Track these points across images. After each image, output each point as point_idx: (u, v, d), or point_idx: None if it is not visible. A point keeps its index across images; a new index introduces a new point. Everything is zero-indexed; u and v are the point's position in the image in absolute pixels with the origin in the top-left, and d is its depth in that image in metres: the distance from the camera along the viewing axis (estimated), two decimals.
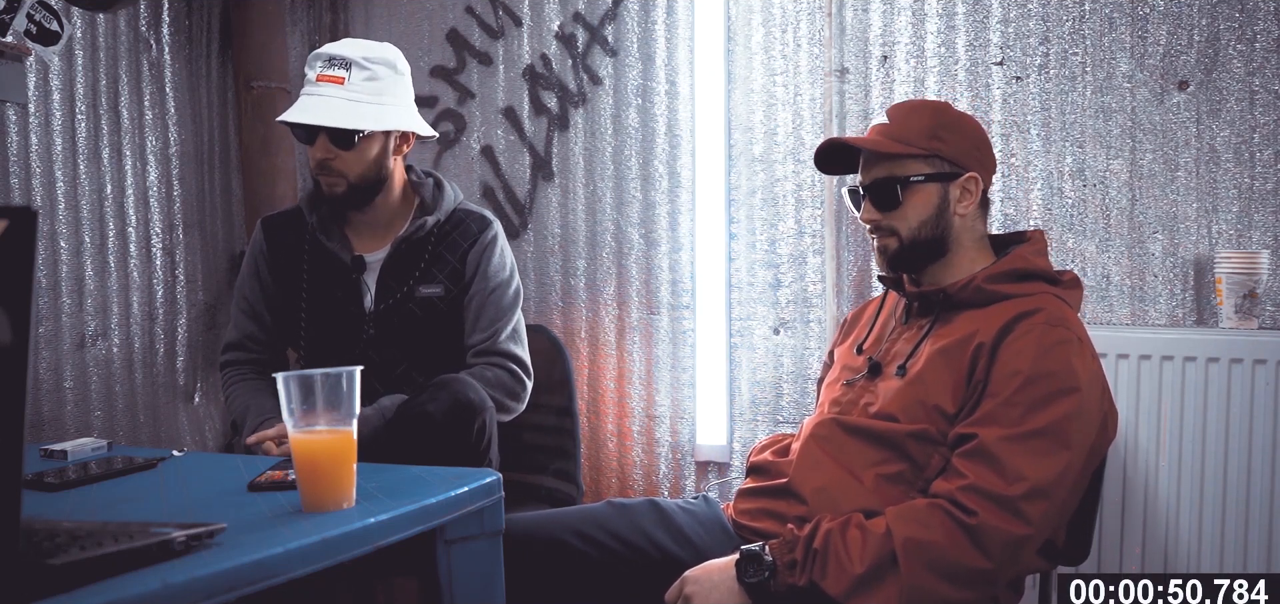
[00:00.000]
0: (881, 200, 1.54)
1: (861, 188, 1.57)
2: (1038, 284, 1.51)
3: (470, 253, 2.05)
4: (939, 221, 1.54)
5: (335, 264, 2.05)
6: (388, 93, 1.96)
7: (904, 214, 1.53)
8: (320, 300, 2.06)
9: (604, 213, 2.73)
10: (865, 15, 2.46)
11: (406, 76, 2.02)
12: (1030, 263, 1.53)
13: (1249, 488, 2.02)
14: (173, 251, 2.77)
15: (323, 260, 2.06)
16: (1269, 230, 2.17)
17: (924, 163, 1.53)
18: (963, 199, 1.55)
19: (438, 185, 2.10)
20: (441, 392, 1.85)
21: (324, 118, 1.88)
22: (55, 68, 2.45)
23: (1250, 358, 2.02)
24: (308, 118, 1.88)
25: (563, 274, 2.78)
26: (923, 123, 1.55)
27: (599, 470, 2.75)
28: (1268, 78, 2.15)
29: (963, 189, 1.55)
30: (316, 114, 1.88)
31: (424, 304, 2.04)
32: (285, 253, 2.09)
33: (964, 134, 1.57)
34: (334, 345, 2.05)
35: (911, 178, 1.53)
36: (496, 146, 2.84)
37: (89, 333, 2.55)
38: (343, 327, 2.04)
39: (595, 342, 2.75)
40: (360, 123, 1.91)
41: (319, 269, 2.06)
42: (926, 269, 1.58)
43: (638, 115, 2.69)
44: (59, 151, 2.46)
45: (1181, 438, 2.07)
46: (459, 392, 1.85)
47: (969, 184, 1.55)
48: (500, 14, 2.82)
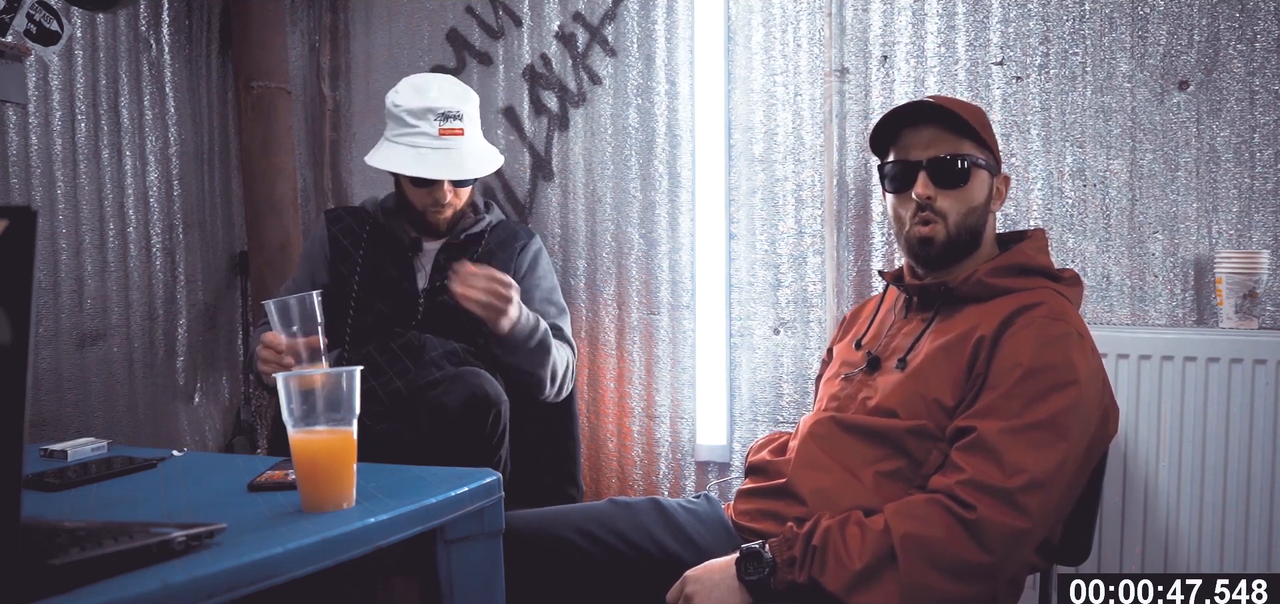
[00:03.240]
0: (942, 177, 1.52)
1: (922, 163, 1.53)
2: (1039, 280, 1.52)
3: (521, 255, 2.28)
4: (984, 213, 1.57)
5: (394, 243, 2.25)
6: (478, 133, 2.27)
7: (967, 193, 1.53)
8: (375, 276, 2.22)
9: (604, 213, 2.73)
10: (865, 15, 2.46)
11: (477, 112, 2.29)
12: (1032, 259, 1.53)
13: (1249, 488, 2.02)
14: (173, 251, 2.77)
15: (381, 240, 2.26)
16: (1269, 230, 2.17)
17: (983, 150, 1.55)
18: (996, 197, 1.59)
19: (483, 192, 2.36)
20: (457, 384, 1.90)
21: (473, 170, 2.19)
22: (55, 68, 2.45)
23: (1250, 358, 2.02)
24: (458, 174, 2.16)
25: (563, 274, 2.78)
26: (976, 115, 1.57)
27: (599, 470, 2.75)
28: (1268, 78, 2.15)
29: (997, 188, 1.59)
30: (465, 168, 2.18)
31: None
32: (346, 236, 2.28)
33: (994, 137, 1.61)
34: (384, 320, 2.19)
35: (979, 161, 1.54)
36: (497, 146, 2.84)
37: (89, 333, 2.55)
38: (395, 302, 2.19)
39: (595, 342, 2.75)
40: (483, 169, 2.23)
41: (377, 248, 2.25)
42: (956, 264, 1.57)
43: (638, 115, 2.69)
44: (59, 151, 2.46)
45: (1181, 438, 2.07)
46: (475, 384, 1.90)
47: (1001, 186, 1.60)
48: (500, 14, 2.82)
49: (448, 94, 2.20)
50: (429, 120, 2.15)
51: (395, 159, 2.15)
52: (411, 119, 2.16)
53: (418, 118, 2.15)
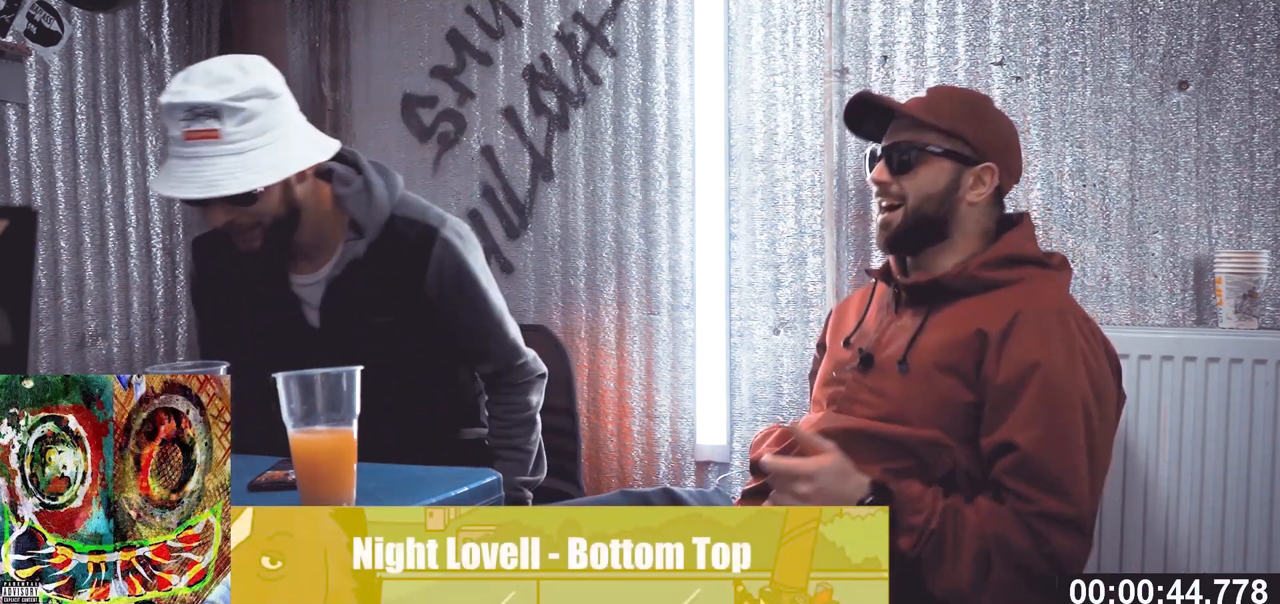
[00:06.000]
0: (895, 163, 1.55)
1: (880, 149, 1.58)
2: (1031, 269, 1.52)
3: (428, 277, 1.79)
4: (945, 201, 1.55)
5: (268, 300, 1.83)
6: (271, 126, 1.65)
7: (914, 180, 1.54)
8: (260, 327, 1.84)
9: (604, 213, 2.73)
10: (865, 15, 2.46)
11: (284, 94, 1.70)
12: (1021, 248, 1.54)
13: (1249, 488, 2.02)
14: (173, 251, 2.77)
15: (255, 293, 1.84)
16: (1269, 230, 2.17)
17: (944, 138, 1.54)
18: (975, 187, 1.55)
19: (367, 188, 1.80)
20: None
21: (210, 189, 1.59)
22: (55, 68, 2.45)
23: (1250, 358, 2.02)
24: (187, 193, 1.61)
25: (563, 274, 2.78)
26: (955, 105, 1.57)
27: (599, 470, 2.75)
28: (1268, 78, 2.15)
29: (977, 177, 1.55)
30: (199, 185, 1.59)
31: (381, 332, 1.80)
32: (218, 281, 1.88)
33: (994, 128, 1.58)
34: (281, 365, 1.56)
35: (929, 147, 1.54)
36: (496, 146, 2.84)
37: (89, 333, 2.55)
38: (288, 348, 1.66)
39: (595, 342, 2.75)
40: (252, 181, 1.61)
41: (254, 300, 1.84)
42: (923, 252, 1.58)
43: (638, 115, 2.69)
44: (59, 151, 2.46)
45: (1181, 438, 2.07)
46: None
47: (984, 174, 1.55)
48: (500, 14, 2.82)
49: (204, 82, 1.60)
50: (175, 120, 1.59)
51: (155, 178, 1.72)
52: (165, 119, 1.63)
53: (168, 118, 1.61)
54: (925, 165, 1.54)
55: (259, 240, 1.71)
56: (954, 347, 1.46)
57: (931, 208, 1.54)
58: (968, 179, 1.55)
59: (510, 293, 2.54)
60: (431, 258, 1.78)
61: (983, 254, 1.53)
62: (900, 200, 1.55)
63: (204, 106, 1.57)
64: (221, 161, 1.60)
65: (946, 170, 1.54)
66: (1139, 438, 2.10)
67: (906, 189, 1.55)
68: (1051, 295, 1.47)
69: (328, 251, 1.81)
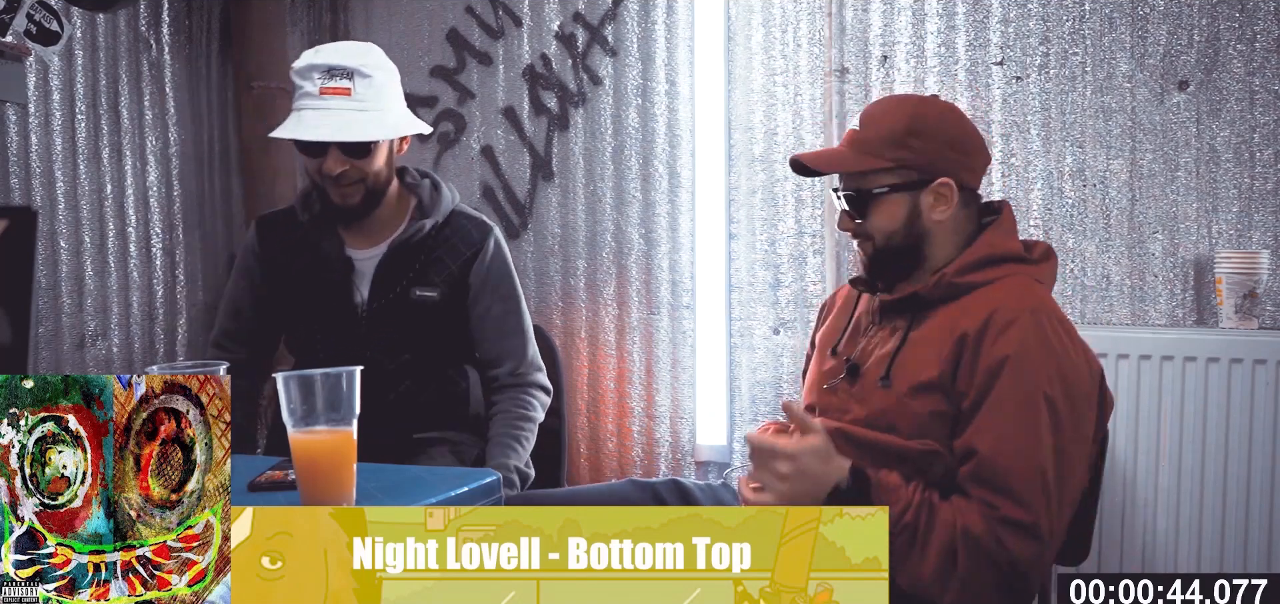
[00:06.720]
0: (854, 207, 1.54)
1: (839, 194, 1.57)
2: (1008, 266, 1.49)
3: (475, 265, 2.02)
4: (910, 231, 1.51)
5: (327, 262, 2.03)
6: (387, 96, 1.94)
7: (874, 220, 1.52)
8: (311, 296, 2.03)
9: (604, 213, 2.73)
10: (865, 15, 2.46)
11: (397, 75, 2.00)
12: (997, 247, 1.49)
13: (1249, 488, 2.02)
14: (173, 251, 2.77)
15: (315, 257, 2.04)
16: (1269, 230, 2.17)
17: (890, 174, 1.50)
18: (937, 206, 1.50)
19: (435, 187, 2.07)
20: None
21: (343, 133, 1.86)
22: (55, 68, 2.45)
23: (1250, 358, 2.02)
24: (325, 135, 1.86)
25: (563, 274, 2.78)
26: (891, 129, 1.50)
27: (599, 471, 2.76)
28: (1268, 78, 2.15)
29: (935, 195, 1.49)
30: (335, 129, 1.86)
31: (419, 306, 2.01)
32: (279, 251, 2.08)
33: (936, 137, 1.51)
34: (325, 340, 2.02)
35: (875, 190, 1.50)
36: (496, 146, 2.84)
37: (89, 333, 2.55)
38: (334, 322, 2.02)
39: (595, 342, 2.75)
40: (378, 133, 1.90)
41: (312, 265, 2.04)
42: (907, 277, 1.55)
43: (638, 115, 2.69)
44: (59, 151, 2.46)
45: (1181, 438, 2.07)
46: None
47: (941, 190, 1.49)
48: (500, 14, 2.82)
49: (339, 52, 1.92)
50: (312, 79, 1.87)
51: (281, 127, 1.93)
52: (298, 80, 1.90)
53: (302, 78, 1.89)
54: (877, 207, 1.51)
55: (359, 196, 1.94)
56: (934, 360, 1.44)
57: (898, 240, 1.51)
58: (926, 199, 1.50)
59: None
60: (485, 249, 2.02)
61: (959, 259, 1.50)
62: (869, 238, 1.53)
63: (341, 69, 1.87)
64: (351, 114, 1.88)
65: (901, 202, 1.50)
66: (1139, 438, 2.10)
67: (870, 228, 1.52)
68: (1028, 292, 1.44)
69: (390, 230, 2.02)
